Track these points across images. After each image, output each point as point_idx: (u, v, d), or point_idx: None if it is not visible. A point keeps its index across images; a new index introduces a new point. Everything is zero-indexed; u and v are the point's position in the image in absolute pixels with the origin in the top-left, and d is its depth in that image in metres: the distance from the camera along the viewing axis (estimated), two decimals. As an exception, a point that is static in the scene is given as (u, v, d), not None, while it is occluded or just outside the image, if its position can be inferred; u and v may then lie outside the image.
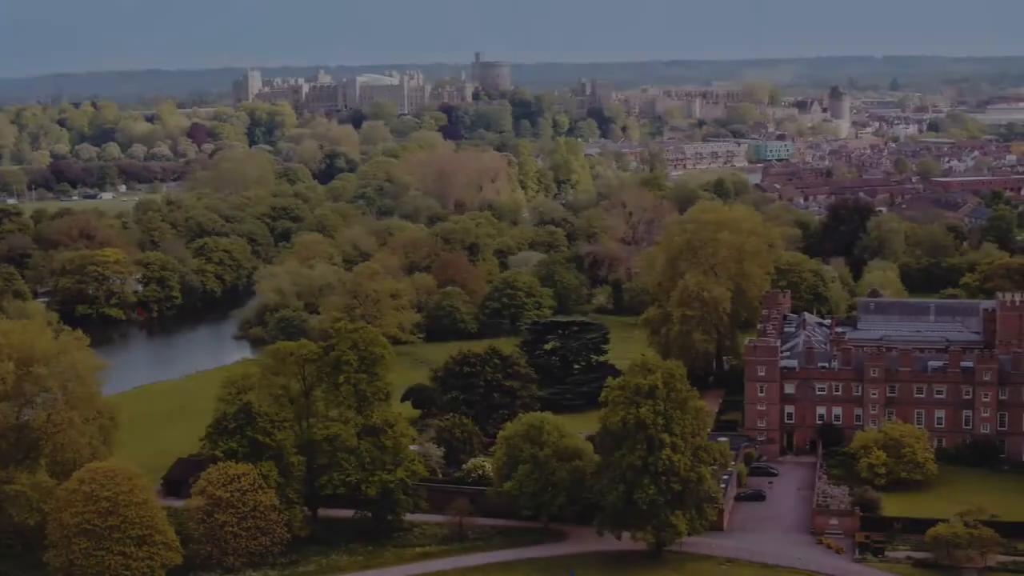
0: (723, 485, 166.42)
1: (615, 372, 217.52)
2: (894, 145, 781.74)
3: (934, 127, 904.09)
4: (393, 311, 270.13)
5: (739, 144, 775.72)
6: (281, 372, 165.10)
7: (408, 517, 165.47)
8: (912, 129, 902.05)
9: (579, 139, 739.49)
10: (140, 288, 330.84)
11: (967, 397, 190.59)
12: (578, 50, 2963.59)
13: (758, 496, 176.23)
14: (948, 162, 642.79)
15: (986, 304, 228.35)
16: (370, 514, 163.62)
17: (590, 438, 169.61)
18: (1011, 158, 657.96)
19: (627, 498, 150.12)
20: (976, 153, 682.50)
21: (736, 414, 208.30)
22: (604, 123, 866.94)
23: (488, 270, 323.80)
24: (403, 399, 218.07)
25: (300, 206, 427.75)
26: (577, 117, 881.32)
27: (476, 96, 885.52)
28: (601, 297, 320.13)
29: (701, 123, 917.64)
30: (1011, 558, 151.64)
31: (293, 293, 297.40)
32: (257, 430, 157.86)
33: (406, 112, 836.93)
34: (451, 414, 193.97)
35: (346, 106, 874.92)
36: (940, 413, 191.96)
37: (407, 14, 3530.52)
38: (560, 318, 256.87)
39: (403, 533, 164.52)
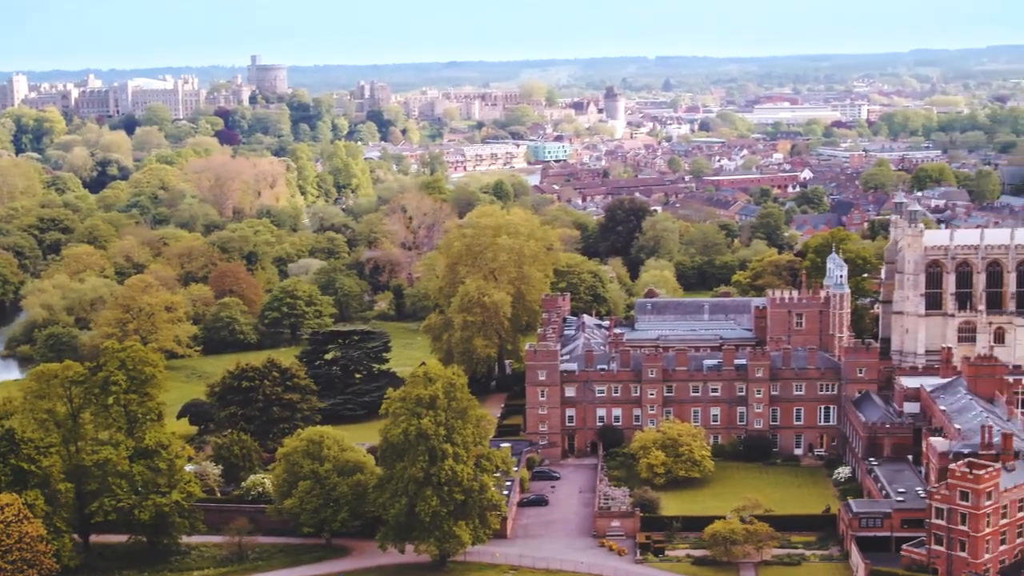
0: (506, 492, 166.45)
1: (397, 380, 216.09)
2: (667, 145, 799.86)
3: (705, 127, 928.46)
4: (168, 324, 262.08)
5: (518, 145, 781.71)
6: (46, 395, 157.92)
7: (185, 540, 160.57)
8: (684, 129, 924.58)
9: (359, 142, 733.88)
10: None
11: (741, 394, 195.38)
12: (356, 52, 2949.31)
13: (541, 501, 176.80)
14: (719, 161, 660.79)
15: (757, 302, 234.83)
16: (145, 539, 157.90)
17: (372, 450, 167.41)
18: (778, 156, 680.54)
19: (410, 510, 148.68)
20: (745, 152, 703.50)
21: (519, 418, 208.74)
22: (384, 126, 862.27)
23: (267, 279, 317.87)
24: (180, 416, 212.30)
25: (70, 216, 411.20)
26: (356, 120, 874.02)
27: (253, 100, 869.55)
28: (383, 303, 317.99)
29: (480, 125, 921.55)
30: (785, 551, 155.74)
31: (63, 308, 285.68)
32: (21, 457, 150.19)
33: (181, 117, 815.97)
34: (229, 430, 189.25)
35: (118, 111, 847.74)
36: (716, 410, 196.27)
37: (181, 15, 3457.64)
38: (341, 327, 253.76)
39: (180, 556, 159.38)
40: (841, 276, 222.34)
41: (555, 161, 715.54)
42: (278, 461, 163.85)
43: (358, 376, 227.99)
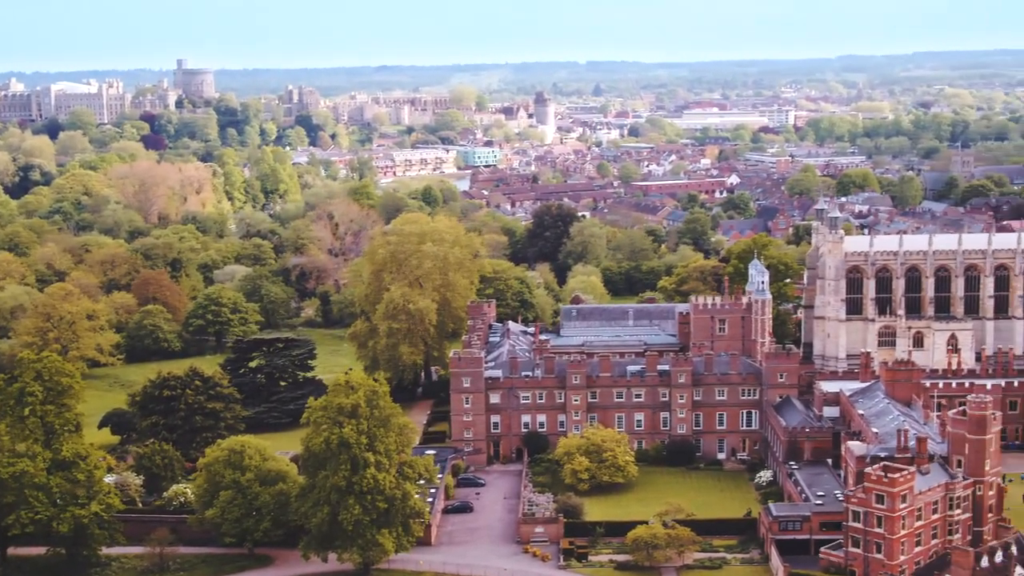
0: (430, 500, 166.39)
1: (323, 388, 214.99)
2: (597, 150, 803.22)
3: (634, 132, 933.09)
4: (90, 332, 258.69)
5: (448, 151, 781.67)
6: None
7: (105, 551, 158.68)
8: (614, 134, 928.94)
9: (287, 147, 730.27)
10: None
11: (664, 399, 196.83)
12: (285, 55, 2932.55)
13: (465, 508, 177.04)
14: (647, 166, 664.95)
15: (681, 307, 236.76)
16: (64, 551, 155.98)
17: (295, 459, 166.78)
18: (705, 162, 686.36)
19: (332, 519, 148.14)
20: (673, 157, 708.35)
21: (444, 425, 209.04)
22: (312, 131, 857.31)
23: (192, 286, 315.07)
24: (101, 425, 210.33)
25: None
26: (285, 125, 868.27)
27: (179, 104, 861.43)
28: (309, 310, 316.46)
29: (410, 130, 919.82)
30: (707, 554, 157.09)
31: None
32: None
33: (106, 121, 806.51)
34: (151, 440, 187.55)
35: (41, 115, 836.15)
36: (639, 416, 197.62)
37: (106, 18, 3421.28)
38: (266, 335, 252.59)
39: (100, 568, 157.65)
40: (763, 282, 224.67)
41: (485, 166, 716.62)
42: (200, 471, 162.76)
43: (283, 384, 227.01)
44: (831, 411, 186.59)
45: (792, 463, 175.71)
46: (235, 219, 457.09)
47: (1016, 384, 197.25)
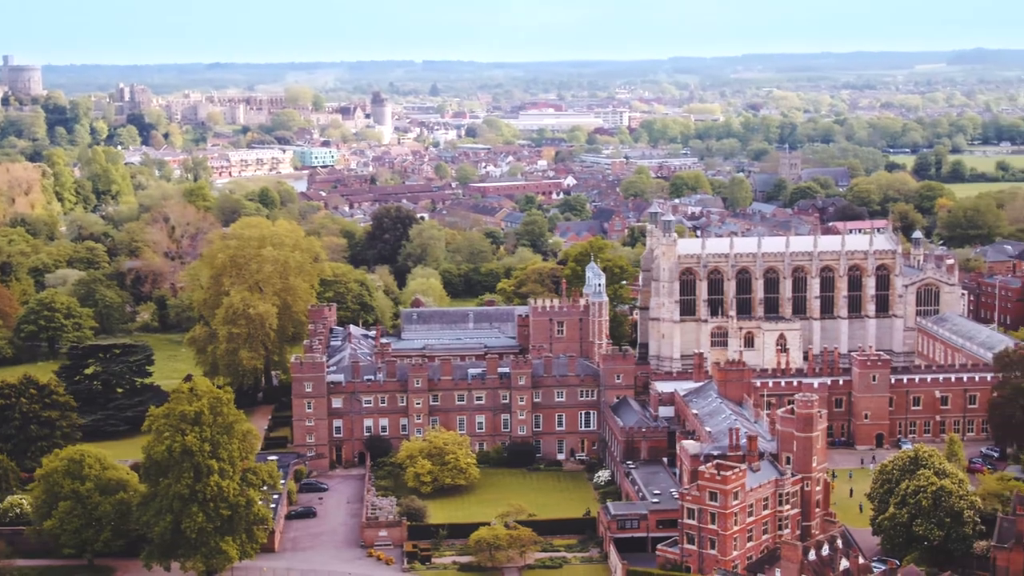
0: (273, 506, 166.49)
1: (162, 394, 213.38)
2: (435, 151, 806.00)
3: (472, 132, 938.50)
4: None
5: (284, 151, 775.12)
6: None
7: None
8: (451, 135, 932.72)
9: (119, 147, 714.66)
10: None
11: (505, 401, 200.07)
12: (114, 51, 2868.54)
13: (309, 513, 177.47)
14: (485, 167, 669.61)
15: (520, 310, 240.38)
16: None
17: (135, 466, 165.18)
18: (542, 163, 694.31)
19: (175, 528, 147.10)
20: (511, 158, 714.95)
21: (286, 430, 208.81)
22: (145, 130, 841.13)
23: (23, 290, 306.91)
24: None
25: None
26: (116, 124, 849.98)
27: (5, 102, 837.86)
28: (146, 315, 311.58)
29: (246, 129, 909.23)
30: (548, 554, 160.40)
31: None
32: None
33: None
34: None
35: None
36: (480, 418, 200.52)
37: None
38: (102, 340, 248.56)
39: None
40: (599, 284, 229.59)
41: (322, 167, 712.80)
42: (37, 481, 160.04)
43: (120, 391, 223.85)
44: (666, 411, 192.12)
45: (629, 462, 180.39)
46: (66, 221, 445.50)
47: (841, 382, 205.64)
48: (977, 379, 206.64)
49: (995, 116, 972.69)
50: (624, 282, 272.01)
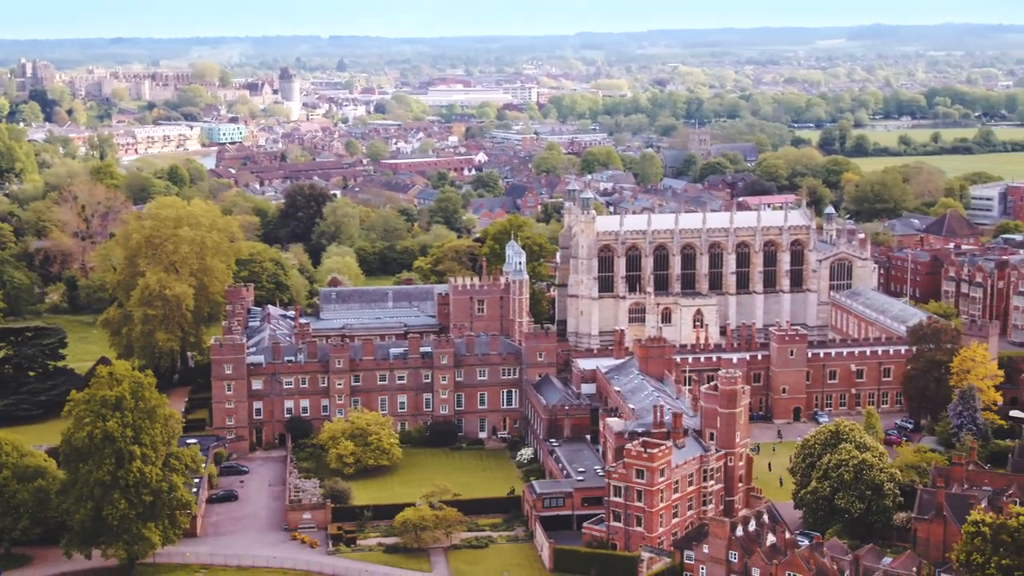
0: (195, 490, 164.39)
1: (75, 377, 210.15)
2: (344, 127, 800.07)
3: (381, 109, 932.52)
4: None
5: (192, 127, 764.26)
6: None
7: None
8: (361, 111, 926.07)
9: (21, 124, 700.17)
10: None
11: (427, 381, 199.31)
12: (13, 25, 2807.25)
13: (231, 497, 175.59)
14: (396, 144, 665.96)
15: (440, 288, 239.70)
16: None
17: (51, 452, 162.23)
18: (453, 139, 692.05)
19: (96, 514, 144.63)
20: (421, 135, 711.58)
21: (204, 412, 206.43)
22: (48, 106, 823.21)
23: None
24: None
25: None
26: (18, 100, 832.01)
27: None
28: (55, 296, 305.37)
29: (152, 105, 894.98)
30: (473, 534, 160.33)
31: None
32: None
33: None
34: None
35: None
36: (403, 398, 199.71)
37: None
38: (10, 323, 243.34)
39: None
40: (520, 263, 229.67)
41: (231, 143, 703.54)
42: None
43: (33, 374, 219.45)
44: (589, 388, 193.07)
45: (553, 440, 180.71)
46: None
47: (759, 357, 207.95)
48: (892, 352, 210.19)
49: (895, 91, 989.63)
50: (542, 260, 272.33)
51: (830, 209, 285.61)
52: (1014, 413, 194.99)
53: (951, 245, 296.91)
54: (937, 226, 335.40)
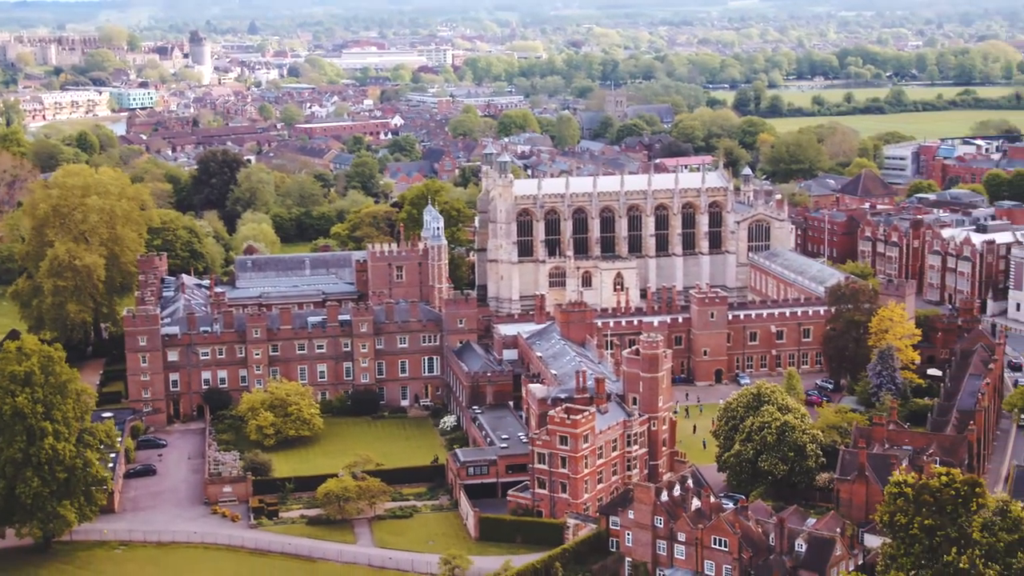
0: (111, 465, 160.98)
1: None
2: (257, 91, 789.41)
3: (294, 72, 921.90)
4: None
5: (100, 92, 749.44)
6: None
7: None
8: (273, 74, 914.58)
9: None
10: None
11: (347, 349, 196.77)
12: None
13: (148, 471, 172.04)
14: (310, 108, 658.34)
15: (358, 255, 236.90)
16: None
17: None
18: (368, 103, 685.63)
19: (8, 493, 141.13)
20: (336, 98, 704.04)
21: (119, 384, 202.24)
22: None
23: None
24: None
25: None
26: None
27: None
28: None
29: (59, 71, 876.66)
30: (397, 504, 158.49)
31: None
32: None
33: None
34: None
35: None
36: (322, 367, 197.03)
37: None
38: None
39: None
40: (438, 228, 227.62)
41: (141, 109, 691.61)
42: None
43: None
44: (510, 354, 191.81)
45: (475, 408, 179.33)
46: None
47: (680, 320, 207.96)
48: (811, 313, 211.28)
49: (808, 51, 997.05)
50: (461, 224, 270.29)
51: (747, 170, 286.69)
52: (932, 371, 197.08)
53: (866, 205, 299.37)
54: (852, 186, 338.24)
